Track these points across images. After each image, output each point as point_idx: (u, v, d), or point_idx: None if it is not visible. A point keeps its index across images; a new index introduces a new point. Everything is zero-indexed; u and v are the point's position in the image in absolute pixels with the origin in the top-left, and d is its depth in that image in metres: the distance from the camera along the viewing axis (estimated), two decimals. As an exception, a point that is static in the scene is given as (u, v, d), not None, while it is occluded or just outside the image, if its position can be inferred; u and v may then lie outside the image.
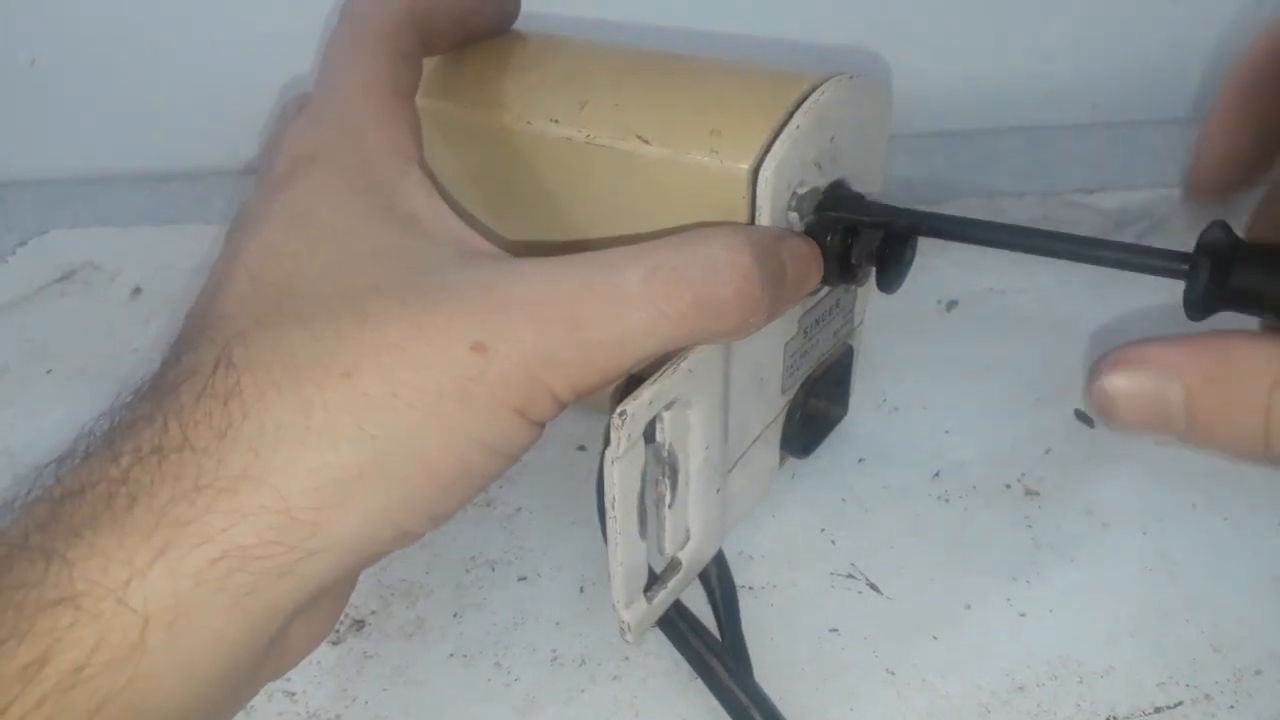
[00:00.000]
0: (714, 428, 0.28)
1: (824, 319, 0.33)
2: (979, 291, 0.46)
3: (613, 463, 0.25)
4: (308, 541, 0.21)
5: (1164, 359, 0.21)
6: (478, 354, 0.22)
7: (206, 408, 0.21)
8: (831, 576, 0.33)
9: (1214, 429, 0.21)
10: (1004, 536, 0.34)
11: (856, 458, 0.38)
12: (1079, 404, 0.39)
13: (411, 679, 0.31)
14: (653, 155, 0.28)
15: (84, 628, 0.19)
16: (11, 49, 0.58)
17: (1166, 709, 0.29)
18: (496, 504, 0.37)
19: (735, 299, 0.24)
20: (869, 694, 0.30)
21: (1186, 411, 0.21)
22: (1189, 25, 0.57)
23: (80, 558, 0.20)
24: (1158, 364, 0.21)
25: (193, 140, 0.59)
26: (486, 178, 0.32)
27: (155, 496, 0.21)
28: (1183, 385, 0.20)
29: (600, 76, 0.30)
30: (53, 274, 0.52)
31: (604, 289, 0.23)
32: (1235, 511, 0.35)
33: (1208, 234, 0.23)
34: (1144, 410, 0.21)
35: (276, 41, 0.53)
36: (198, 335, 0.23)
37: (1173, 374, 0.21)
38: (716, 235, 0.24)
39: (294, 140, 0.27)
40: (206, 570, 0.20)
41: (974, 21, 0.58)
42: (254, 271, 0.24)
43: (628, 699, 0.30)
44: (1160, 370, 0.21)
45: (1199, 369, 0.20)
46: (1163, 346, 0.21)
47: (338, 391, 0.22)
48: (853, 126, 0.29)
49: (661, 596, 0.29)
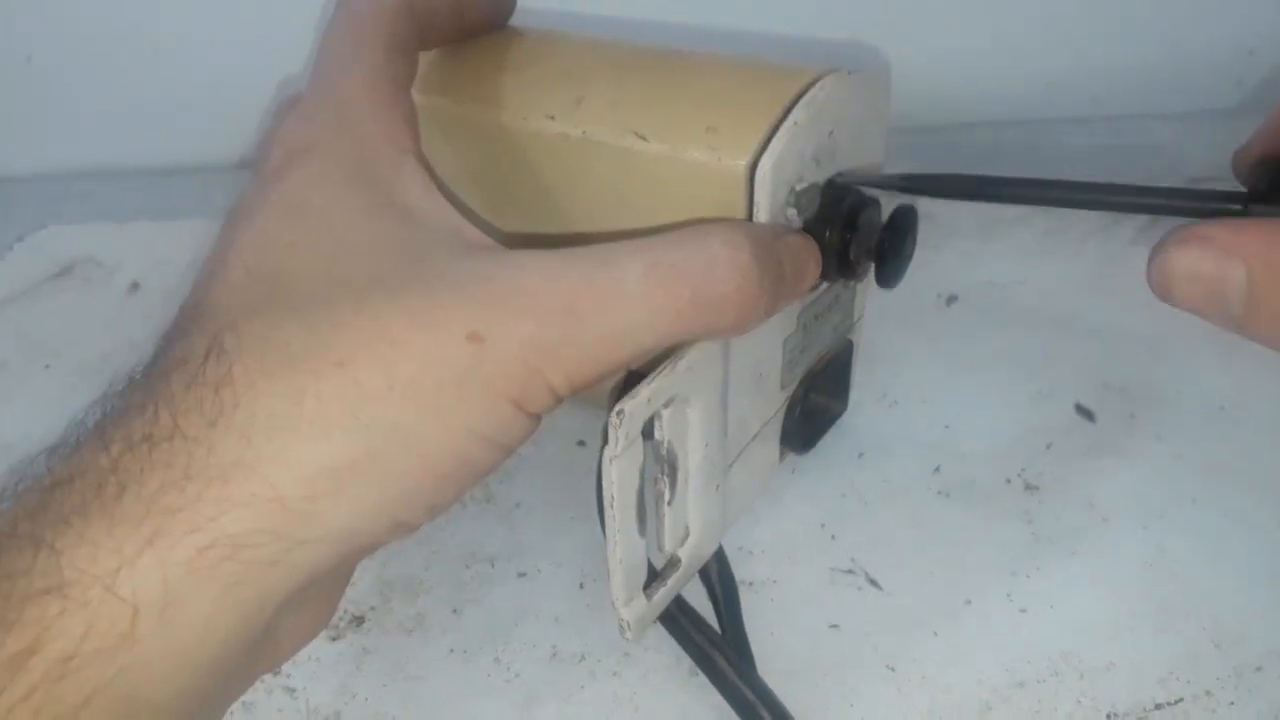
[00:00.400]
0: (713, 425, 0.28)
1: (823, 314, 0.33)
2: (979, 285, 0.45)
3: (611, 461, 0.24)
4: (299, 531, 0.21)
5: (1230, 240, 0.20)
6: (474, 345, 0.22)
7: (197, 395, 0.21)
8: (831, 572, 0.33)
9: (1272, 318, 0.20)
10: (1004, 531, 0.34)
11: (856, 453, 0.38)
12: (1080, 398, 0.39)
13: (411, 675, 0.31)
14: (650, 152, 0.28)
15: (73, 617, 0.19)
16: (9, 45, 0.58)
17: (1167, 705, 0.29)
18: (496, 499, 0.37)
19: (734, 296, 0.24)
20: (869, 690, 0.30)
21: (1246, 297, 0.20)
22: (1189, 19, 0.57)
23: (69, 546, 0.20)
24: (1223, 244, 0.20)
25: (190, 135, 0.59)
26: (484, 174, 0.32)
27: (145, 485, 0.20)
28: (1246, 268, 0.20)
29: (597, 72, 0.30)
30: (51, 269, 0.52)
31: (602, 283, 0.23)
32: (1236, 507, 0.34)
33: (1257, 170, 0.23)
34: (1203, 291, 0.20)
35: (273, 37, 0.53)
36: (190, 324, 0.23)
37: (1237, 255, 0.20)
38: (716, 232, 0.24)
39: (289, 132, 0.26)
40: (196, 559, 0.20)
41: (973, 15, 0.57)
42: (248, 261, 0.24)
43: (628, 695, 0.30)
44: (1225, 251, 0.20)
45: (1265, 253, 0.20)
46: (1230, 228, 0.20)
47: (331, 381, 0.21)
48: (851, 121, 0.29)
49: (661, 594, 0.29)
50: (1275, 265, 0.20)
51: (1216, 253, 0.20)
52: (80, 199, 0.58)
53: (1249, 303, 0.20)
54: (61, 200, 0.58)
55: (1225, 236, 0.20)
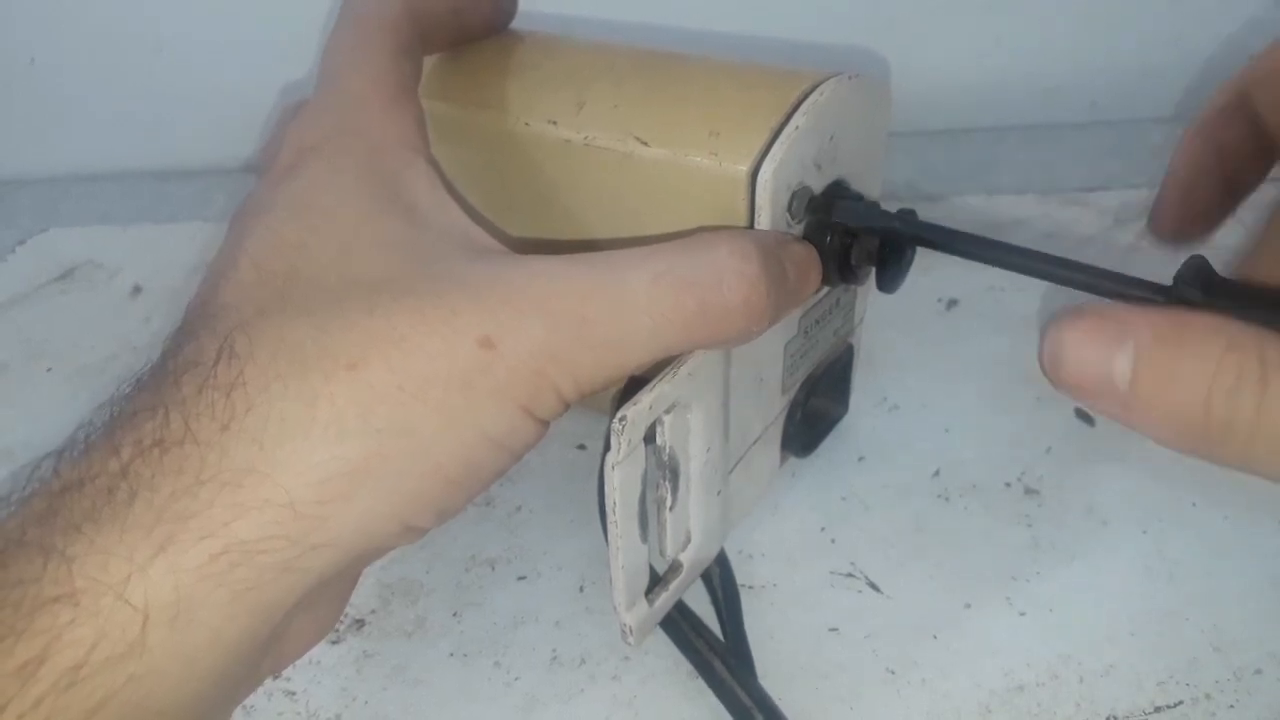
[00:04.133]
0: (714, 430, 0.28)
1: (824, 319, 0.33)
2: (979, 290, 0.45)
3: (613, 468, 0.25)
4: (311, 536, 0.21)
5: (1123, 318, 0.20)
6: (485, 349, 0.22)
7: (209, 399, 0.21)
8: (831, 575, 0.33)
9: (1156, 397, 0.20)
10: (1004, 535, 0.34)
11: (857, 456, 0.38)
12: (1075, 402, 0.39)
13: (411, 678, 0.31)
14: (651, 157, 0.28)
15: (83, 625, 0.19)
16: (11, 48, 0.58)
17: (1166, 708, 0.29)
18: (496, 503, 0.37)
19: (741, 307, 0.24)
20: (869, 693, 0.30)
21: (1132, 374, 0.20)
22: (1188, 23, 0.57)
23: (80, 554, 0.20)
24: (1116, 321, 0.20)
25: (192, 138, 0.59)
26: (485, 178, 0.32)
27: (156, 490, 0.20)
28: (1134, 344, 0.20)
29: (598, 77, 0.30)
30: (53, 272, 0.52)
31: (611, 291, 0.23)
32: (1235, 511, 0.35)
33: (1186, 268, 0.23)
34: (1091, 370, 0.20)
35: (275, 40, 0.53)
36: (199, 324, 0.23)
37: (1129, 332, 0.20)
38: (723, 242, 0.24)
39: (298, 132, 0.26)
40: (208, 565, 0.20)
41: (973, 20, 0.58)
42: (258, 261, 0.23)
43: (627, 698, 0.30)
44: (1118, 327, 0.20)
45: (1153, 328, 0.20)
46: (1120, 307, 0.21)
47: (343, 383, 0.21)
48: (852, 126, 0.29)
49: (663, 599, 0.29)
50: (1164, 339, 0.20)
51: (1108, 328, 0.20)
52: (82, 201, 0.58)
53: (1134, 381, 0.20)
54: (63, 203, 0.58)
55: (1115, 312, 0.20)
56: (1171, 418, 0.20)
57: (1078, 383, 0.21)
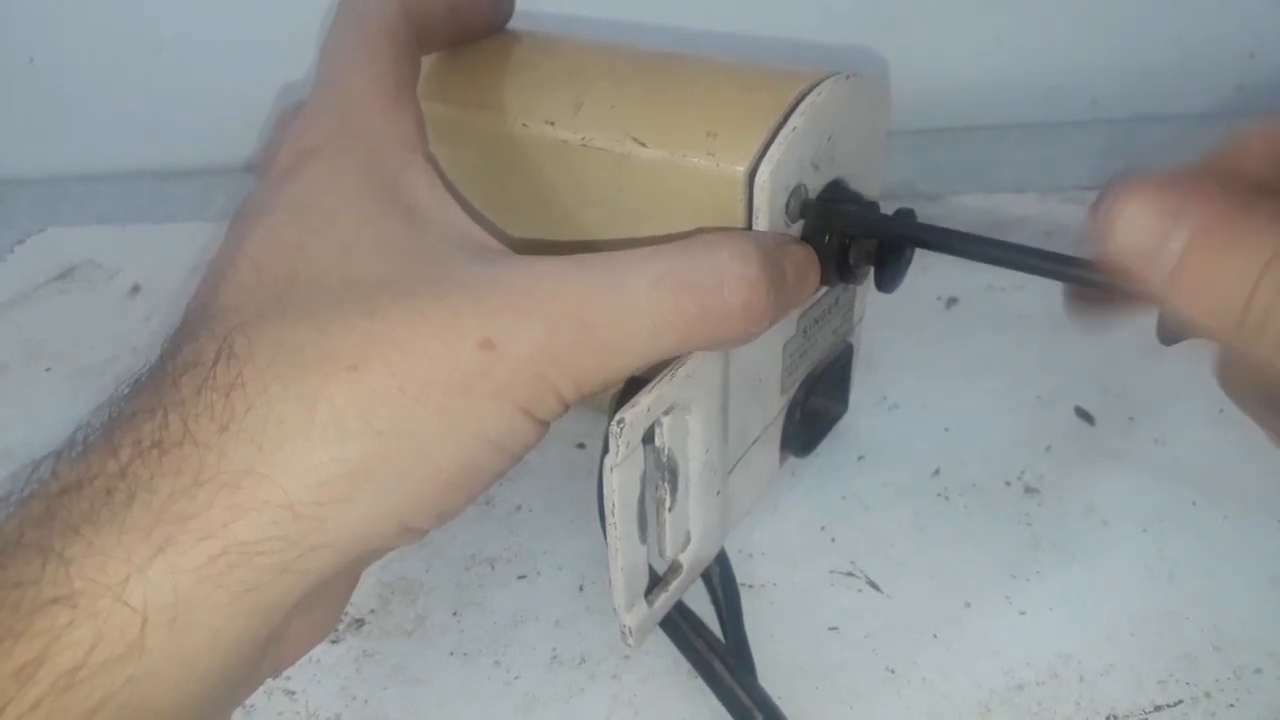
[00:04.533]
0: (713, 430, 0.28)
1: (823, 318, 0.33)
2: (979, 288, 0.45)
3: (612, 469, 0.24)
4: (310, 537, 0.21)
5: (1184, 191, 0.20)
6: (485, 351, 0.22)
7: (208, 400, 0.21)
8: (831, 574, 0.33)
9: (1202, 276, 0.20)
10: (1004, 534, 0.34)
11: (856, 456, 0.38)
12: (1079, 401, 0.39)
13: (411, 677, 0.31)
14: (649, 158, 0.28)
15: (82, 627, 0.19)
16: (11, 48, 0.58)
17: (1166, 707, 0.29)
18: (496, 502, 0.37)
19: (741, 309, 0.24)
20: (869, 692, 0.30)
21: (1184, 251, 0.20)
22: (1188, 22, 0.57)
23: (78, 555, 0.20)
24: (1177, 193, 0.20)
25: (191, 138, 0.59)
26: (483, 179, 0.32)
27: (155, 492, 0.20)
28: (1193, 222, 0.20)
29: (596, 77, 0.30)
30: (52, 272, 0.52)
31: (612, 292, 0.23)
32: (1235, 510, 0.35)
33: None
34: (1142, 240, 0.20)
35: (274, 40, 0.53)
36: (199, 325, 0.23)
37: (1189, 207, 0.20)
38: (723, 244, 0.24)
39: (297, 133, 0.26)
40: (207, 566, 0.20)
41: (974, 19, 0.58)
42: (257, 262, 0.23)
43: (627, 697, 0.30)
44: (1177, 201, 0.20)
45: (1212, 211, 0.20)
46: (1182, 184, 0.20)
47: (343, 385, 0.21)
48: (850, 126, 0.29)
49: (663, 599, 0.29)
50: (1223, 221, 0.20)
51: (1168, 201, 0.20)
52: (81, 201, 0.58)
53: (1181, 261, 0.20)
54: (62, 203, 0.58)
55: (1177, 188, 0.20)
56: (1212, 300, 0.20)
57: (1125, 250, 0.21)
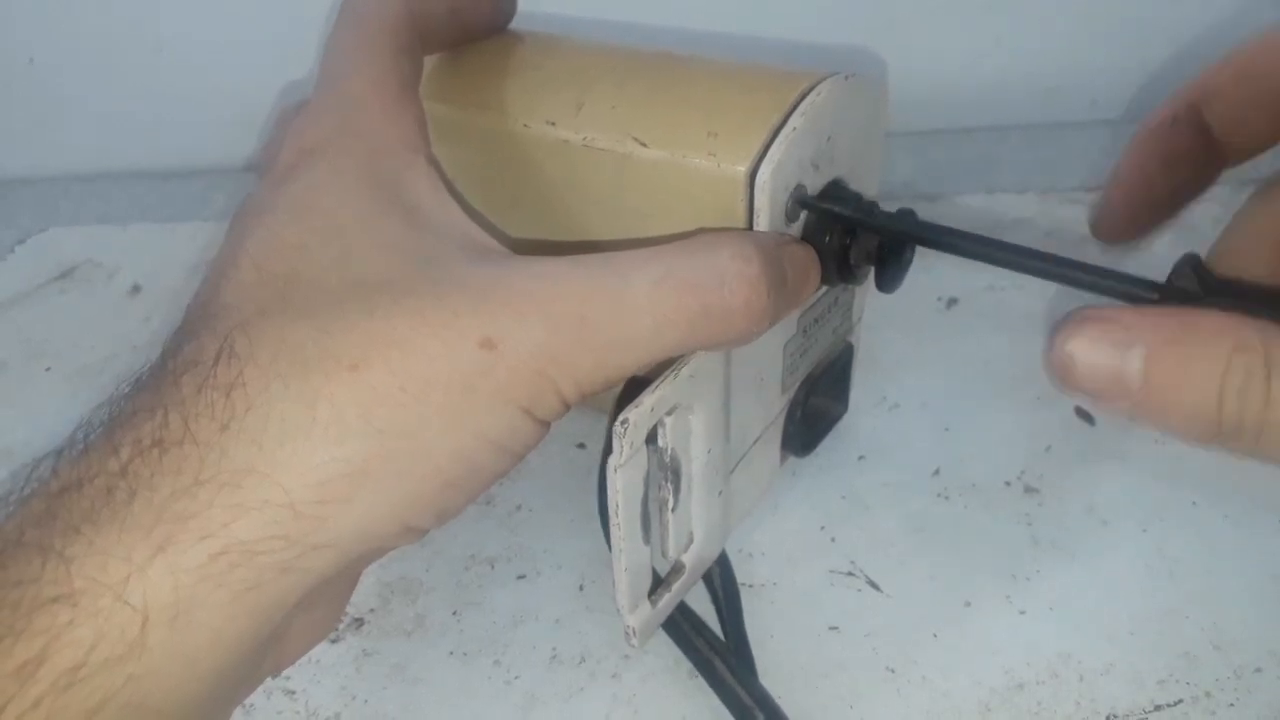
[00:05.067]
0: (715, 430, 0.28)
1: (823, 317, 0.33)
2: (979, 288, 0.45)
3: (616, 470, 0.24)
4: (311, 536, 0.21)
5: (1129, 321, 0.21)
6: (486, 350, 0.22)
7: (208, 399, 0.21)
8: (831, 574, 0.33)
9: (1168, 395, 0.20)
10: (1004, 534, 0.34)
11: (856, 455, 0.38)
12: (1079, 401, 0.39)
13: (411, 677, 0.31)
14: (650, 158, 0.28)
15: (82, 626, 0.19)
16: (11, 47, 0.58)
17: (1166, 707, 0.29)
18: (496, 501, 0.37)
19: (742, 308, 0.24)
20: (869, 692, 0.30)
21: (1144, 376, 0.20)
22: (1188, 21, 0.57)
23: (79, 554, 0.20)
24: (1123, 325, 0.21)
25: (192, 138, 0.59)
26: (484, 179, 0.32)
27: (156, 491, 0.20)
28: (1144, 347, 0.20)
29: (597, 77, 0.30)
30: (52, 271, 0.52)
31: (613, 292, 0.23)
32: (1235, 509, 0.35)
33: (1181, 264, 0.23)
34: (1102, 373, 0.21)
35: (275, 39, 0.53)
36: (199, 324, 0.23)
37: (1136, 335, 0.21)
38: (724, 244, 0.24)
39: (299, 133, 0.26)
40: (207, 565, 0.20)
41: (973, 19, 0.58)
42: (258, 261, 0.23)
43: (627, 696, 0.30)
44: (1125, 331, 0.21)
45: (1162, 332, 0.20)
46: (1128, 311, 0.21)
47: (344, 384, 0.21)
48: (849, 126, 0.29)
49: (666, 600, 0.29)
50: (1175, 340, 0.20)
51: (1118, 332, 0.21)
52: (81, 201, 0.58)
53: (1146, 382, 0.20)
54: (62, 202, 0.58)
55: (1125, 317, 0.21)
56: (1185, 415, 0.20)
57: (1090, 388, 0.21)
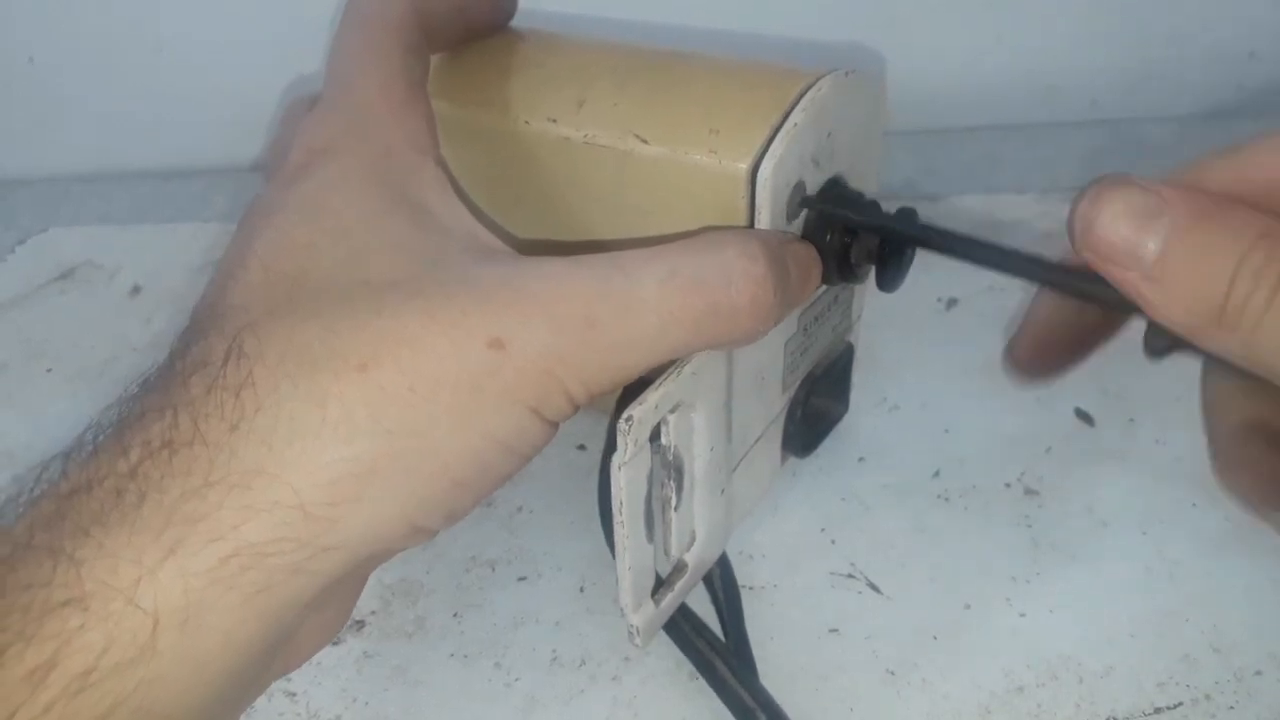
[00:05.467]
0: (718, 429, 0.28)
1: (822, 315, 0.33)
2: (979, 289, 0.45)
3: (619, 468, 0.25)
4: (321, 538, 0.21)
5: (1160, 190, 0.21)
6: (494, 350, 0.22)
7: (218, 399, 0.21)
8: (831, 576, 0.33)
9: (1180, 270, 0.20)
10: (1004, 536, 0.34)
11: (856, 457, 0.38)
12: (1079, 403, 0.39)
13: (412, 679, 0.31)
14: (651, 155, 0.28)
15: (93, 630, 0.19)
16: (11, 47, 0.58)
17: (1166, 709, 0.29)
18: (497, 503, 0.37)
19: (748, 307, 0.24)
20: (869, 694, 0.30)
21: (1163, 247, 0.20)
22: (1188, 22, 0.57)
23: (89, 557, 0.20)
24: (1154, 192, 0.21)
25: (192, 138, 0.59)
26: (486, 177, 0.32)
27: (165, 492, 0.20)
28: (1170, 219, 0.21)
29: (598, 75, 0.30)
30: (52, 272, 0.52)
31: (620, 292, 0.23)
32: (1235, 511, 0.34)
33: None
34: (1122, 237, 0.21)
35: (276, 39, 0.53)
36: (208, 324, 0.23)
37: (1165, 205, 0.21)
38: (731, 242, 0.24)
39: (307, 133, 0.26)
40: (218, 568, 0.20)
41: (974, 18, 0.58)
42: (267, 262, 0.23)
43: (627, 699, 0.30)
44: (1154, 200, 0.21)
45: (1188, 209, 0.21)
46: (1158, 184, 0.21)
47: (353, 384, 0.21)
48: (849, 122, 0.29)
49: (669, 599, 0.29)
50: (1201, 216, 0.20)
51: (1150, 196, 0.21)
52: (81, 202, 0.58)
53: (1162, 255, 0.21)
54: (63, 203, 0.58)
55: (1157, 186, 0.21)
56: (1191, 294, 0.20)
57: (1105, 249, 0.21)
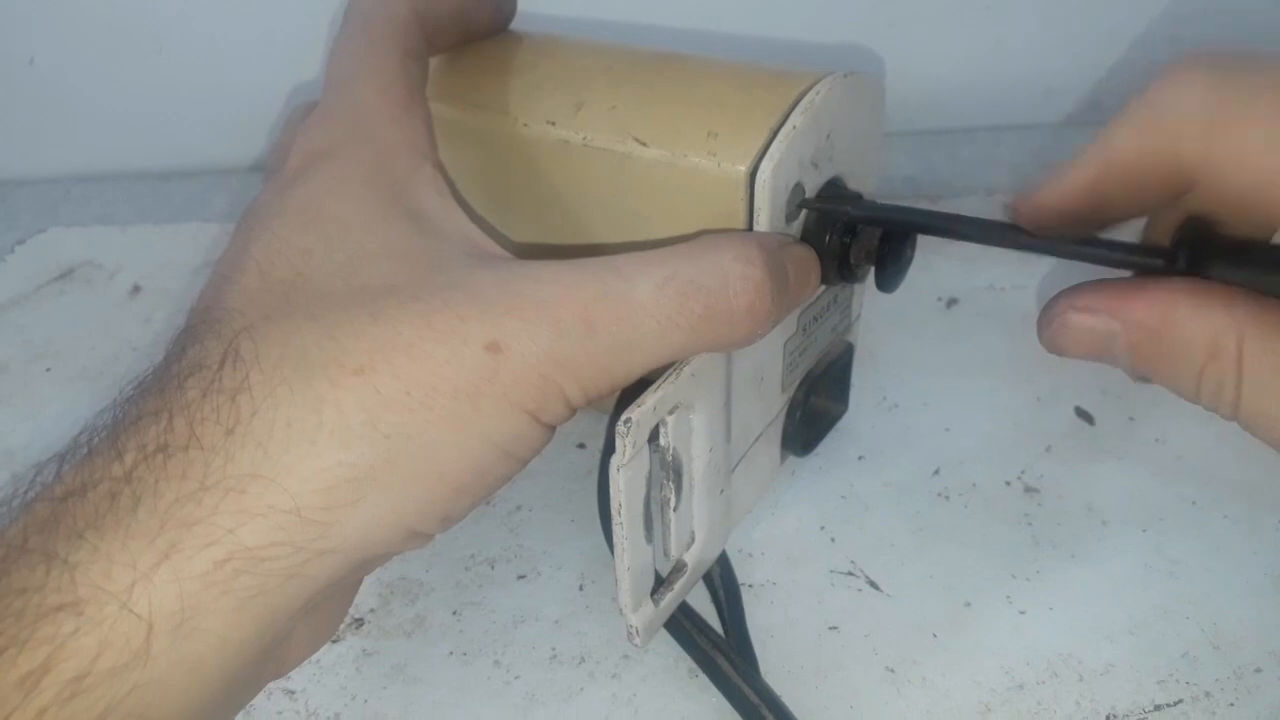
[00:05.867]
0: (717, 429, 0.28)
1: (821, 315, 0.33)
2: (979, 288, 0.45)
3: (619, 470, 0.24)
4: (316, 542, 0.21)
5: (1113, 308, 0.23)
6: (492, 354, 0.22)
7: (214, 403, 0.21)
8: (831, 574, 0.33)
9: (1151, 370, 0.23)
10: (1004, 534, 0.34)
11: (856, 455, 0.38)
12: (1079, 401, 0.39)
13: (411, 677, 0.31)
14: (650, 157, 0.28)
15: (86, 635, 0.19)
16: (11, 48, 0.58)
17: (1166, 707, 0.29)
18: (496, 502, 0.37)
19: (746, 311, 0.24)
20: (868, 692, 0.30)
21: (1130, 352, 0.23)
22: (1188, 21, 0.57)
23: (83, 561, 0.20)
24: (1108, 310, 0.23)
25: (192, 139, 0.59)
26: (485, 180, 0.32)
27: (160, 496, 0.20)
28: (1124, 339, 0.22)
29: (597, 77, 0.30)
30: (52, 272, 0.52)
31: (617, 296, 0.23)
32: (1235, 509, 0.35)
33: (1185, 228, 0.23)
34: (1092, 345, 0.23)
35: (277, 40, 0.53)
36: (204, 328, 0.23)
37: (1119, 323, 0.22)
38: (728, 246, 0.24)
39: (306, 137, 0.26)
40: (213, 573, 0.20)
41: (974, 19, 0.58)
42: (263, 266, 0.23)
43: (627, 696, 0.30)
44: (1109, 317, 0.23)
45: (1144, 323, 0.22)
46: (1112, 296, 0.23)
47: (350, 389, 0.21)
48: (848, 124, 0.29)
49: (669, 599, 0.29)
50: (1155, 332, 0.22)
51: (1103, 318, 0.23)
52: (81, 202, 0.58)
53: (1132, 357, 0.23)
54: (63, 203, 0.58)
55: (1109, 304, 0.23)
56: (1167, 384, 0.23)
57: (1080, 355, 0.24)
